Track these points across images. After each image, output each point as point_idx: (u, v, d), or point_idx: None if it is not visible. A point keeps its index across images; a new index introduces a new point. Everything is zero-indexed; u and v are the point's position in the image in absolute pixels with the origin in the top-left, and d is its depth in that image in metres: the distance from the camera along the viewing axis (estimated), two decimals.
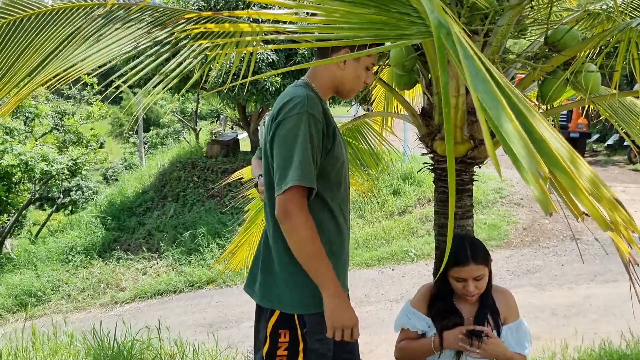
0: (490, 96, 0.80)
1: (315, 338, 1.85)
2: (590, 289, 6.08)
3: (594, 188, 0.88)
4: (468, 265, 2.05)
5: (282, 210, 1.73)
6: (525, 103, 0.93)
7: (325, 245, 1.84)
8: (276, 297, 1.90)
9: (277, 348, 1.87)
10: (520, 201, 9.06)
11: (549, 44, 2.14)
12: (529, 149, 0.75)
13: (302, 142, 1.73)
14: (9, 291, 9.07)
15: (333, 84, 1.96)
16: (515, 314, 2.22)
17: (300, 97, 1.80)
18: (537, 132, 0.85)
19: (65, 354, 3.23)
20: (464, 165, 2.37)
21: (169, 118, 25.93)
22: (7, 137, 10.93)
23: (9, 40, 2.55)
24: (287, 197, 1.72)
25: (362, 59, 1.91)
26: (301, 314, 1.87)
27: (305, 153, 1.73)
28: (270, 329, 1.89)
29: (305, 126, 1.75)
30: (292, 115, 1.77)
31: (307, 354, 1.86)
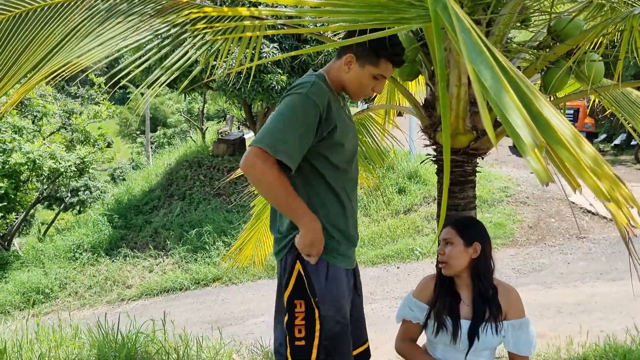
0: (487, 68, 0.80)
1: (328, 305, 1.95)
2: (596, 287, 6.04)
3: (595, 165, 0.88)
4: (446, 226, 2.19)
5: (245, 162, 1.82)
6: (524, 80, 0.93)
7: (328, 223, 1.97)
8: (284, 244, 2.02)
9: (295, 318, 1.97)
10: (526, 200, 9.02)
11: (552, 34, 2.13)
12: (525, 119, 0.75)
13: (289, 117, 1.82)
14: (17, 288, 9.14)
15: (340, 84, 2.01)
16: (519, 311, 2.21)
17: (307, 82, 1.88)
18: (535, 106, 0.85)
19: (70, 346, 3.25)
20: (466, 157, 2.37)
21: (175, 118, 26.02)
22: (16, 135, 10.99)
23: (14, 33, 2.57)
24: (249, 153, 1.81)
25: (366, 67, 1.93)
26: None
27: (286, 127, 1.81)
28: (287, 300, 1.98)
29: (299, 105, 1.83)
30: (293, 93, 1.86)
31: (323, 320, 1.95)
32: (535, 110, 0.84)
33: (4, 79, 2.48)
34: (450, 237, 2.15)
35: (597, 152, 0.90)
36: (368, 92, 2.01)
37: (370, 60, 1.91)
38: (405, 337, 2.37)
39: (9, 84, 2.49)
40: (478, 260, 2.18)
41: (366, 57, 1.91)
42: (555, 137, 0.82)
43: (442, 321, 2.18)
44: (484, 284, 2.18)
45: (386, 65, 1.93)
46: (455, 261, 2.14)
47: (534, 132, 0.74)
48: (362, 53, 1.91)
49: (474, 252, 2.16)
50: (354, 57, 1.92)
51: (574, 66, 2.05)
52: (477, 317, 2.15)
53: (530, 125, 0.74)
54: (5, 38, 2.55)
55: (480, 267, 2.18)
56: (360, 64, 1.93)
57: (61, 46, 2.44)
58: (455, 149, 2.36)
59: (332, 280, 1.97)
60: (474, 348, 2.15)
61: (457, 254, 2.14)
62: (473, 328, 2.15)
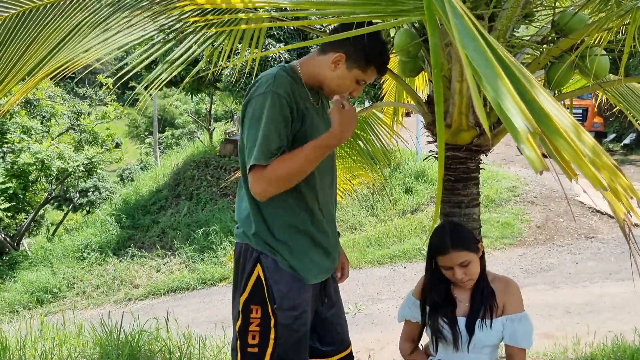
0: (480, 54, 0.78)
1: (286, 314, 1.88)
2: (605, 287, 5.98)
3: (593, 155, 0.86)
4: (449, 253, 2.06)
5: (253, 190, 1.79)
6: (519, 68, 0.91)
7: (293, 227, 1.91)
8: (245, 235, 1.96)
9: (250, 323, 1.90)
10: (534, 199, 8.96)
11: (556, 28, 2.11)
12: (518, 105, 0.73)
13: (265, 121, 1.76)
14: (25, 288, 9.21)
15: (318, 77, 1.93)
16: (518, 305, 2.18)
17: (267, 77, 1.82)
18: (531, 93, 0.83)
19: (74, 344, 3.26)
20: (469, 153, 2.34)
21: (183, 119, 26.12)
22: (24, 136, 11.07)
23: (18, 31, 2.58)
24: (253, 178, 1.76)
25: (354, 70, 1.87)
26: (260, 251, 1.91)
27: (265, 132, 1.75)
28: (242, 304, 1.91)
29: (269, 105, 1.77)
30: (258, 95, 1.80)
31: (279, 328, 1.88)
32: (531, 97, 0.82)
33: (7, 77, 2.49)
34: (465, 259, 2.08)
35: (596, 142, 0.88)
36: (345, 95, 1.94)
37: (360, 64, 1.87)
38: (408, 338, 2.35)
39: (12, 82, 2.50)
40: (481, 258, 2.16)
41: (356, 60, 1.86)
42: (552, 125, 0.80)
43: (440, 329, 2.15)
44: (484, 280, 2.16)
45: (372, 72, 1.90)
46: (476, 273, 2.11)
47: (527, 119, 0.72)
48: (353, 55, 1.85)
49: (479, 253, 2.15)
50: (344, 57, 1.86)
51: (578, 61, 2.02)
52: (474, 314, 2.13)
53: (523, 112, 0.72)
54: (9, 35, 2.56)
55: (482, 264, 2.17)
56: (348, 66, 1.87)
57: (64, 43, 2.44)
58: (459, 146, 2.33)
59: (293, 287, 1.89)
60: (472, 345, 2.13)
61: (476, 266, 2.11)
62: (470, 323, 2.13)
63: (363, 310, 6.22)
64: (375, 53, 1.86)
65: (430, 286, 2.19)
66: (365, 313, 6.12)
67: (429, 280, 2.20)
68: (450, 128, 2.28)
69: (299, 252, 1.93)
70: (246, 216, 1.97)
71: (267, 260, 1.90)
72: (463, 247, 2.06)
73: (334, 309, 2.16)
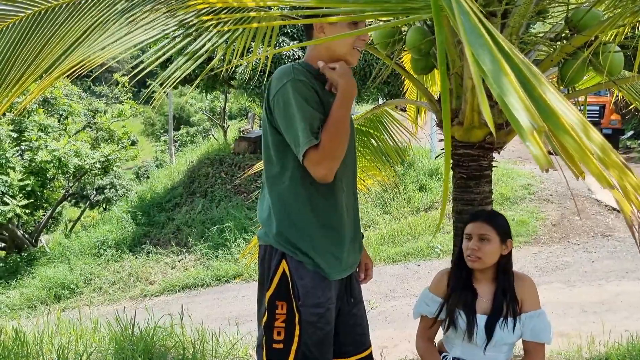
0: (486, 51, 0.78)
1: (310, 311, 1.88)
2: (621, 286, 5.91)
3: (602, 153, 0.85)
4: (477, 221, 2.15)
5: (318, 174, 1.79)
6: (527, 64, 0.91)
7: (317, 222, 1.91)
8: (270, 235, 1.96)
9: (275, 319, 1.91)
10: (549, 197, 8.87)
11: (569, 25, 2.09)
12: (523, 102, 0.73)
13: (297, 108, 1.76)
14: (43, 284, 9.34)
15: (326, 53, 1.91)
16: (536, 301, 2.18)
17: (282, 70, 1.83)
18: (537, 90, 0.83)
19: (90, 339, 3.31)
20: (482, 151, 2.33)
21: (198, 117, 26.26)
22: (42, 133, 11.22)
23: (34, 30, 2.61)
24: (312, 162, 1.77)
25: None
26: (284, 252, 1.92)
27: (301, 115, 1.76)
28: (268, 300, 1.92)
29: (293, 91, 1.77)
30: (280, 88, 1.80)
31: (303, 325, 1.89)
32: (537, 94, 0.82)
33: (24, 76, 2.53)
34: (487, 233, 2.11)
35: (605, 139, 0.87)
36: (358, 44, 1.89)
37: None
38: (424, 335, 2.35)
39: (28, 81, 2.54)
40: (506, 257, 2.16)
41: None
42: (559, 122, 0.80)
43: (454, 317, 2.16)
44: (508, 280, 2.16)
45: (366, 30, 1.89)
46: (489, 258, 2.12)
47: (533, 116, 0.72)
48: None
49: (505, 249, 2.15)
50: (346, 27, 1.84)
51: (592, 57, 2.00)
52: (496, 312, 2.13)
53: (528, 109, 0.73)
54: (26, 35, 2.60)
55: (507, 263, 2.17)
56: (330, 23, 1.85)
57: (79, 42, 2.48)
58: (471, 143, 2.33)
59: (318, 285, 1.90)
60: (493, 343, 2.13)
61: (493, 251, 2.12)
62: (491, 323, 2.13)
63: (376, 307, 6.22)
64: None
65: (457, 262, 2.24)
66: (379, 311, 6.12)
67: (457, 257, 2.26)
68: (463, 125, 2.28)
69: (322, 248, 1.93)
70: (267, 216, 1.98)
71: (291, 259, 1.91)
72: (491, 224, 2.13)
73: (357, 309, 2.15)
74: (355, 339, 2.14)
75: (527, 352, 2.18)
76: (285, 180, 1.90)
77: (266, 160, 1.96)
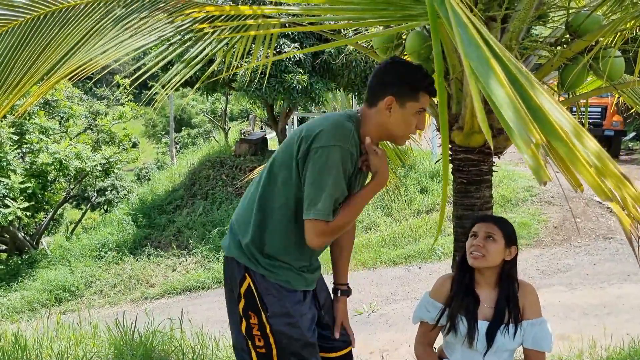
0: (482, 62, 0.78)
1: (280, 321, 1.95)
2: (623, 289, 5.89)
3: (599, 163, 0.84)
4: (485, 222, 2.15)
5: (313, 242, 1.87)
6: (525, 74, 0.90)
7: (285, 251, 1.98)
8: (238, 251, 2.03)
9: (252, 328, 1.99)
10: (551, 199, 8.85)
11: (570, 30, 2.08)
12: (520, 115, 0.72)
13: (333, 179, 1.80)
14: (44, 286, 9.33)
15: (380, 129, 1.94)
16: (537, 309, 2.17)
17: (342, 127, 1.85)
18: (535, 100, 0.83)
19: (89, 344, 3.30)
20: (482, 156, 2.33)
21: (200, 118, 26.27)
22: (43, 136, 11.22)
23: (34, 34, 2.61)
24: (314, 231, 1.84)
25: (408, 104, 1.88)
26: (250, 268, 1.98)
27: (333, 187, 1.81)
28: (242, 311, 2.00)
29: (338, 161, 1.81)
30: (329, 146, 1.81)
31: (275, 335, 1.96)
32: (535, 104, 0.81)
33: (23, 79, 2.53)
34: (494, 232, 2.11)
35: (601, 148, 0.86)
36: (412, 131, 1.95)
37: (410, 96, 1.87)
38: (424, 340, 2.34)
39: (28, 84, 2.54)
40: (510, 263, 2.15)
41: (405, 94, 1.87)
42: (554, 132, 0.79)
43: (455, 322, 2.15)
44: (512, 287, 2.15)
45: (424, 97, 1.89)
46: (492, 258, 2.12)
47: (530, 130, 0.71)
48: (400, 91, 1.86)
49: (509, 255, 2.14)
50: (393, 98, 1.87)
51: (592, 62, 1.99)
52: (498, 319, 2.12)
53: (525, 122, 0.72)
54: (25, 39, 2.60)
55: (511, 270, 2.17)
56: (400, 104, 1.87)
57: (79, 46, 2.48)
58: (471, 148, 2.33)
59: (284, 297, 1.96)
60: (493, 350, 2.12)
61: (497, 251, 2.11)
62: (492, 329, 2.12)
63: (377, 310, 6.20)
64: (417, 78, 1.87)
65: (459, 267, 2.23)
66: (380, 313, 6.10)
67: (460, 262, 2.24)
68: (463, 130, 2.28)
69: (285, 270, 1.99)
70: (245, 225, 2.02)
71: (254, 273, 1.97)
72: (499, 226, 2.14)
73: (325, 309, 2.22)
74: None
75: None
76: (278, 213, 1.95)
77: (269, 184, 1.99)
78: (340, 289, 2.33)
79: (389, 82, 1.88)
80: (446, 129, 0.83)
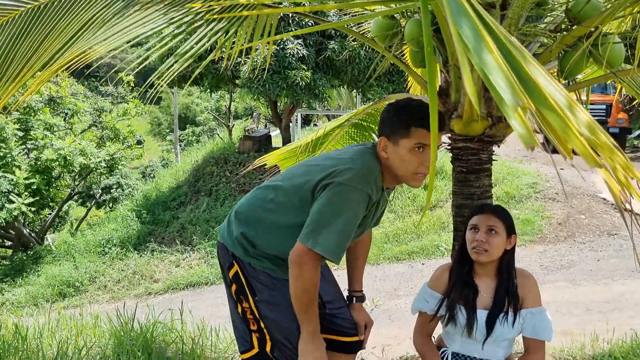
0: (472, 30, 0.77)
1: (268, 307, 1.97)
2: (627, 285, 5.86)
3: (591, 134, 0.84)
4: (485, 213, 2.11)
5: (298, 258, 1.81)
6: (517, 46, 0.89)
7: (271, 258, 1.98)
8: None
9: (245, 312, 2.02)
10: (555, 196, 8.82)
11: (569, 16, 2.07)
12: (507, 79, 0.72)
13: (345, 217, 1.77)
14: (48, 281, 9.37)
15: (386, 173, 1.91)
16: (537, 298, 2.16)
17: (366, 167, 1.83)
18: (526, 71, 0.82)
19: (90, 334, 3.31)
20: (481, 144, 2.31)
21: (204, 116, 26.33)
22: (48, 132, 11.27)
23: (34, 24, 2.62)
24: (308, 253, 1.78)
25: (400, 142, 1.82)
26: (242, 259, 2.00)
27: (346, 231, 1.78)
28: (234, 293, 2.03)
29: (356, 204, 1.78)
30: (349, 185, 1.78)
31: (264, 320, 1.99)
32: (525, 74, 0.80)
33: (23, 69, 2.53)
34: (495, 225, 2.09)
35: (593, 120, 0.86)
36: (419, 169, 1.85)
37: (401, 133, 1.82)
38: (422, 331, 2.33)
39: (28, 74, 2.54)
40: (509, 252, 2.14)
41: (396, 132, 1.83)
42: (545, 101, 0.78)
43: (454, 312, 2.14)
44: (510, 276, 2.14)
45: (418, 132, 1.81)
46: (496, 251, 2.10)
47: (517, 93, 0.71)
48: (391, 131, 1.84)
49: (509, 244, 2.13)
50: (385, 138, 1.85)
51: (592, 48, 1.98)
52: (497, 308, 2.11)
53: (512, 86, 0.71)
54: (26, 29, 2.61)
55: (510, 259, 2.15)
56: (394, 143, 1.84)
57: (78, 36, 2.48)
58: (470, 137, 2.31)
59: (271, 283, 1.97)
60: (493, 338, 2.11)
61: (500, 244, 2.10)
62: (492, 318, 2.11)
63: (380, 306, 6.20)
64: (406, 114, 1.83)
65: (458, 256, 2.22)
66: (383, 309, 6.10)
67: (459, 251, 2.23)
68: (462, 119, 2.26)
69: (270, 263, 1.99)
70: (247, 220, 2.02)
71: (242, 261, 2.00)
72: (499, 216, 2.11)
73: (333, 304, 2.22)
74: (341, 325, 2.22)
75: (528, 350, 2.16)
76: (282, 224, 1.94)
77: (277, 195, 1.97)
78: (355, 296, 2.35)
79: (381, 124, 1.87)
80: (435, 101, 0.82)
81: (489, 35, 0.81)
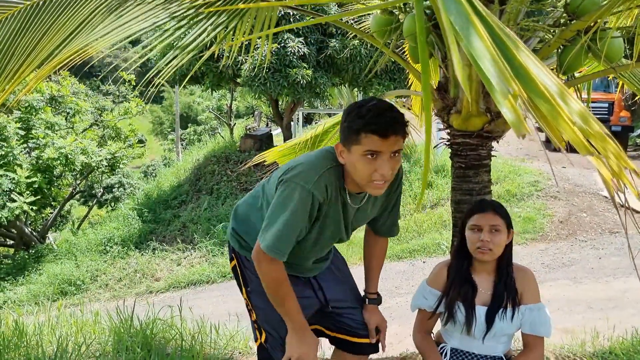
0: (462, 16, 0.77)
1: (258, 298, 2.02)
2: (629, 283, 5.85)
3: (583, 122, 0.83)
4: (486, 212, 2.08)
5: (255, 255, 1.87)
6: (510, 35, 0.89)
7: None
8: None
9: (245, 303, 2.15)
10: (556, 194, 8.81)
11: (568, 11, 2.06)
12: (498, 66, 0.71)
13: (290, 216, 1.77)
14: (50, 280, 9.40)
15: (350, 177, 1.84)
16: (536, 294, 2.15)
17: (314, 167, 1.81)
18: (518, 59, 0.81)
19: (90, 331, 3.32)
20: (480, 140, 2.31)
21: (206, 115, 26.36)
22: (49, 131, 11.29)
23: (33, 20, 2.62)
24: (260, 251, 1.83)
25: (352, 148, 1.71)
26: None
27: (285, 228, 1.77)
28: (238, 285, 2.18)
29: (299, 202, 1.76)
30: (296, 183, 1.77)
31: (256, 311, 2.09)
32: (517, 63, 0.80)
33: (23, 65, 2.54)
34: (498, 224, 2.06)
35: (586, 109, 0.85)
36: (373, 176, 1.72)
37: (352, 139, 1.70)
38: (422, 328, 2.33)
39: (27, 70, 2.55)
40: (508, 246, 2.13)
41: (348, 138, 1.72)
42: (537, 89, 0.78)
43: (453, 310, 2.13)
44: (509, 271, 2.13)
45: (369, 138, 1.67)
46: (499, 249, 2.09)
47: (507, 79, 0.70)
48: (344, 136, 1.75)
49: (508, 239, 2.12)
50: (340, 144, 1.78)
51: (590, 43, 1.97)
52: (496, 303, 2.10)
53: (503, 73, 0.71)
54: (25, 25, 2.62)
55: (509, 253, 2.14)
56: (347, 149, 1.74)
57: (78, 32, 2.48)
58: (469, 132, 2.31)
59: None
60: (492, 334, 2.10)
61: (503, 241, 2.09)
62: (491, 314, 2.10)
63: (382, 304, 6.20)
64: (356, 119, 1.71)
65: (457, 253, 2.20)
66: (384, 307, 6.06)
67: (458, 248, 2.21)
68: (461, 114, 2.26)
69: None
70: (239, 210, 2.16)
71: (239, 254, 2.12)
72: (501, 214, 2.09)
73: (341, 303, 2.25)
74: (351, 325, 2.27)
75: (527, 346, 2.15)
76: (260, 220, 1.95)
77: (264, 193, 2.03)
78: (369, 298, 2.36)
79: (340, 130, 1.79)
80: (428, 91, 0.82)
81: (480, 23, 0.80)
